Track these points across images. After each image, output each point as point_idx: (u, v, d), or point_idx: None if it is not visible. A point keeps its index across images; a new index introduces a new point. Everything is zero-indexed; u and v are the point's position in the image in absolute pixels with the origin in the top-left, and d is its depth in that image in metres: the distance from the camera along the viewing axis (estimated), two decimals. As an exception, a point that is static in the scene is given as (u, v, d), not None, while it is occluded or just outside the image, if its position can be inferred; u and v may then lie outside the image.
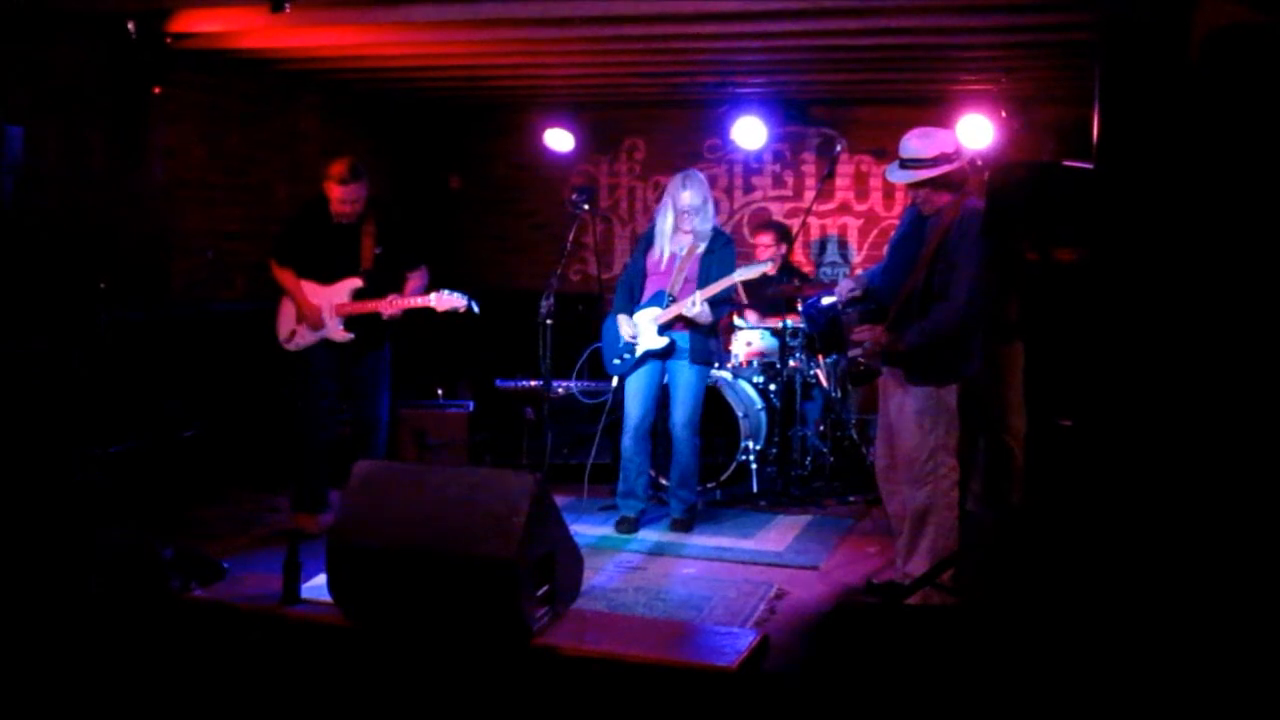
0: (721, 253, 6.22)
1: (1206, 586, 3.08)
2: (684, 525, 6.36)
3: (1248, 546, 3.05)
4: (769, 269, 6.55)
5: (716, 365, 6.80)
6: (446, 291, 6.02)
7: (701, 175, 6.30)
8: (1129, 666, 3.09)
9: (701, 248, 6.22)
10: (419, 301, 6.04)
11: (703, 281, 6.15)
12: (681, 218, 6.19)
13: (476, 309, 6.05)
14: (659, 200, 6.49)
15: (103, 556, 4.67)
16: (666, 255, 6.25)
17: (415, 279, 6.20)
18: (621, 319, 6.30)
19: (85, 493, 5.76)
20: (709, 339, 6.29)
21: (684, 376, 6.26)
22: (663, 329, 6.18)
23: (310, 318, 6.08)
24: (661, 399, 6.41)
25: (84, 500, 5.69)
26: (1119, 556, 3.22)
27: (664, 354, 6.22)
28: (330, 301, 6.10)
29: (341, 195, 5.97)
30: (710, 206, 6.25)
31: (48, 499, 5.46)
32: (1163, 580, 3.14)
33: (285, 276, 6.17)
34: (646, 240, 6.42)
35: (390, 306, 6.03)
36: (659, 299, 6.22)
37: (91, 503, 5.71)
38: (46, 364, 5.75)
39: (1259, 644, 2.98)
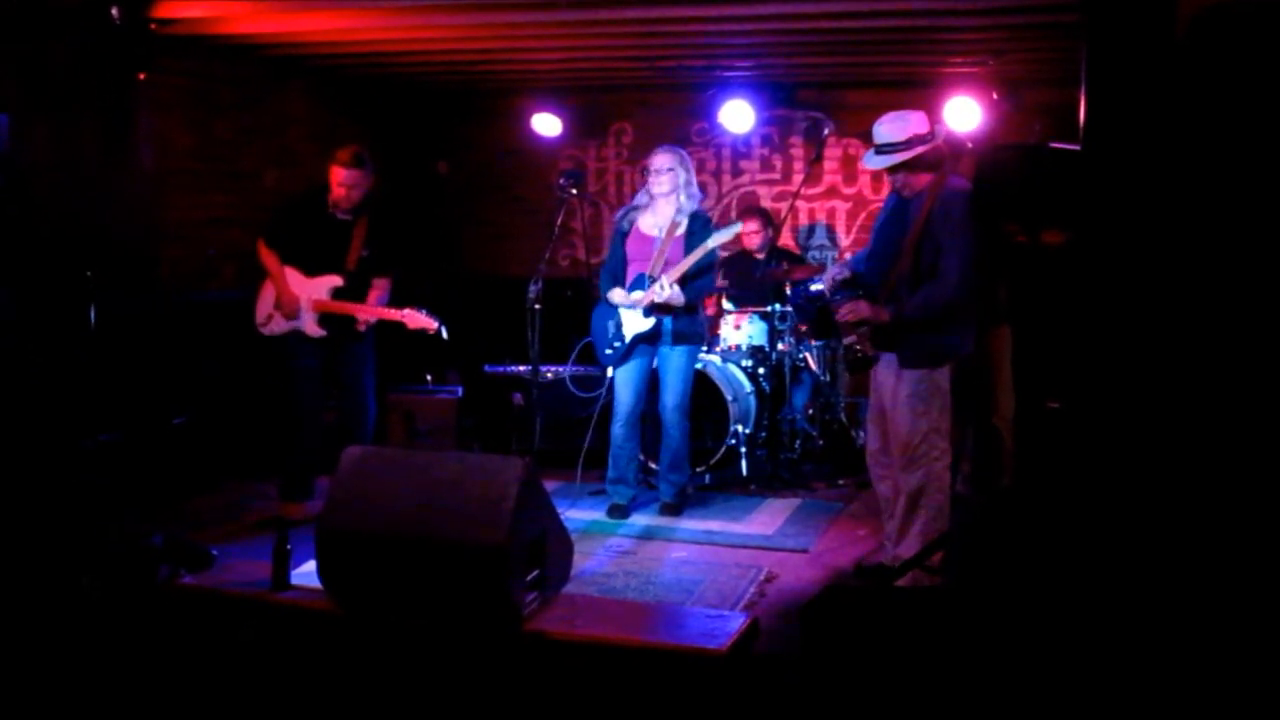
0: (700, 234, 6.20)
1: (1194, 568, 3.09)
2: (674, 509, 6.36)
3: (1236, 529, 3.06)
4: (739, 228, 6.51)
5: (705, 349, 6.80)
6: (422, 312, 6.06)
7: (678, 149, 6.32)
8: (1117, 649, 3.10)
9: (682, 228, 6.21)
10: (391, 315, 6.07)
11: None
12: (653, 181, 6.20)
13: (445, 334, 6.08)
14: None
15: (93, 546, 4.66)
16: (663, 227, 6.24)
17: (379, 287, 6.22)
18: (615, 291, 6.29)
19: (75, 482, 5.75)
20: (694, 319, 6.28)
21: (673, 360, 6.26)
22: (647, 311, 6.18)
23: (287, 306, 6.07)
24: (650, 384, 6.41)
25: (74, 489, 5.67)
26: (1108, 538, 3.23)
27: (652, 336, 6.21)
28: (309, 295, 6.09)
29: (342, 179, 5.99)
30: (687, 177, 6.24)
31: (37, 489, 5.45)
32: (1151, 562, 3.15)
33: (271, 259, 6.15)
34: (623, 228, 6.41)
35: (366, 313, 6.05)
36: (640, 282, 6.21)
37: (81, 492, 5.70)
38: (35, 354, 5.73)
39: (1247, 626, 2.99)
